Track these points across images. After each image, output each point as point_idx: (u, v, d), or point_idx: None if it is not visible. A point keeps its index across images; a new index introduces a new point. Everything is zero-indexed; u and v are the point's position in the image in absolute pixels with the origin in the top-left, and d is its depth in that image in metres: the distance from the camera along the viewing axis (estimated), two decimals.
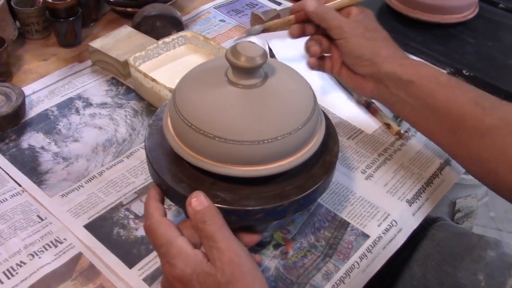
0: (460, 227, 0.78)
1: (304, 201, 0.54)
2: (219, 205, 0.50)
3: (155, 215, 0.50)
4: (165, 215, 0.51)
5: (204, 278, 0.45)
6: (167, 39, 0.85)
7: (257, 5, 1.07)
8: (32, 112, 0.78)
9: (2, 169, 0.69)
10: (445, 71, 0.91)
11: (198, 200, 0.48)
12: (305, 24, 0.69)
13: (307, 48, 0.69)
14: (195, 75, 0.56)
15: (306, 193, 0.53)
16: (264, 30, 0.72)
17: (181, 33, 0.86)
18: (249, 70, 0.52)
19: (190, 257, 0.46)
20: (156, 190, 0.53)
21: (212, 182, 0.52)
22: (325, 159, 0.57)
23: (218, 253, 0.45)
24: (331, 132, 0.59)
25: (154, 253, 0.60)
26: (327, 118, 0.59)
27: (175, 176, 0.53)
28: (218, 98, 0.51)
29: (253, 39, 0.96)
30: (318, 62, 0.70)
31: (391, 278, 0.75)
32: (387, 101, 0.65)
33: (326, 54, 0.70)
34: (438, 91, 0.59)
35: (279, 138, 0.50)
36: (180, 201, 0.51)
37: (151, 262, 0.59)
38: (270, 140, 0.49)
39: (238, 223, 0.52)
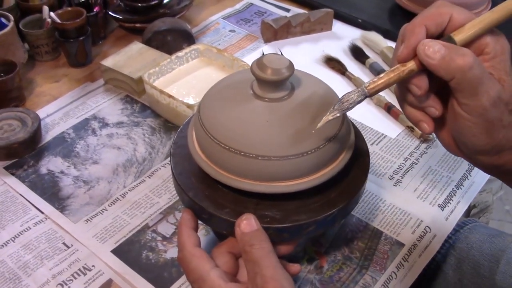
0: (492, 228, 0.76)
1: (350, 206, 0.53)
2: (270, 225, 0.48)
3: (187, 246, 0.48)
4: (199, 244, 0.49)
5: None
6: (180, 53, 0.83)
7: (265, 13, 1.06)
8: (48, 136, 0.77)
9: (23, 197, 0.68)
10: None
11: (248, 223, 0.46)
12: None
13: (423, 106, 0.45)
14: (220, 91, 0.54)
15: (352, 197, 0.52)
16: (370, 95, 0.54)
17: (193, 46, 0.85)
18: (276, 83, 0.50)
19: None
20: (188, 215, 0.51)
21: (255, 203, 0.51)
22: (358, 160, 0.55)
23: (262, 281, 0.43)
24: (357, 133, 0.58)
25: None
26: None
27: (216, 202, 0.51)
28: (247, 114, 0.50)
29: (264, 47, 0.94)
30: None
31: (425, 285, 0.73)
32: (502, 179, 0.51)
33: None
34: None
35: (321, 147, 0.49)
36: (225, 227, 0.50)
37: (183, 285, 0.57)
38: (312, 151, 0.48)
39: (290, 240, 0.51)
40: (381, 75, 0.44)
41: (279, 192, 0.49)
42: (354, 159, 0.55)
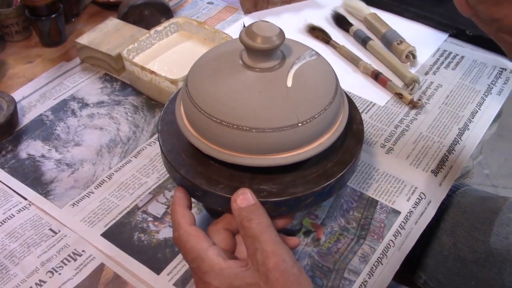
0: (484, 191, 0.76)
1: (347, 176, 0.51)
2: (267, 199, 0.47)
3: (183, 225, 0.46)
4: (194, 222, 0.47)
5: None
6: (159, 28, 0.80)
7: None
8: (25, 119, 0.74)
9: (4, 183, 0.65)
10: (447, 34, 0.88)
11: (245, 197, 0.45)
12: None
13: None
14: (207, 64, 0.52)
15: (348, 166, 0.50)
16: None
17: (172, 20, 0.82)
18: (267, 52, 0.48)
19: (224, 271, 0.43)
20: (181, 193, 0.49)
21: (250, 177, 0.49)
22: (352, 128, 0.54)
23: (262, 257, 0.42)
24: (349, 102, 0.57)
25: (181, 255, 0.56)
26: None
27: (209, 178, 0.49)
28: (238, 85, 0.48)
29: (244, 19, 0.92)
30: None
31: (420, 251, 0.73)
32: None
33: None
34: None
35: (316, 116, 0.47)
36: (220, 204, 0.48)
37: (179, 265, 0.56)
38: (307, 121, 0.46)
39: (288, 212, 0.49)
40: None
41: (276, 165, 0.47)
42: (348, 128, 0.54)
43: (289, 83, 0.48)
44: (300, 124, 0.46)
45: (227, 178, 0.49)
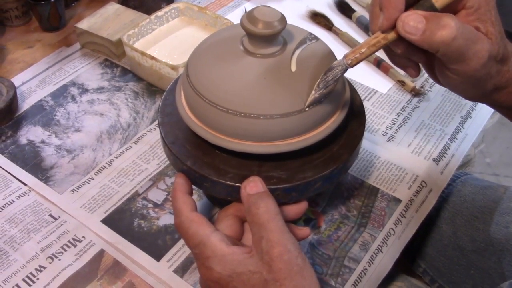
0: (484, 180, 0.76)
1: (352, 158, 0.51)
2: (277, 186, 0.47)
3: (184, 212, 0.46)
4: (196, 208, 0.47)
5: (248, 276, 0.41)
6: (159, 13, 0.79)
7: None
8: (25, 105, 0.73)
9: (4, 169, 0.65)
10: None
11: (255, 184, 0.44)
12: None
13: (402, 67, 0.47)
14: (208, 51, 0.51)
15: (355, 148, 0.51)
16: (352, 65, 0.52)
17: (173, 5, 0.81)
18: (269, 38, 0.47)
19: (227, 257, 0.42)
20: (182, 179, 0.49)
21: (258, 165, 0.48)
22: (353, 111, 0.54)
23: (267, 245, 0.41)
24: (350, 86, 0.56)
25: (182, 242, 0.56)
26: None
27: (217, 168, 0.48)
28: (242, 72, 0.47)
29: (246, 4, 0.91)
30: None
31: (419, 240, 0.72)
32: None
33: None
34: None
35: (322, 100, 0.47)
36: (230, 193, 0.47)
37: (179, 251, 0.56)
38: (314, 105, 0.46)
39: (298, 198, 0.49)
40: (362, 48, 0.42)
41: (285, 151, 0.47)
42: (349, 111, 0.53)
43: (293, 67, 0.47)
44: (307, 109, 0.46)
45: (235, 167, 0.48)
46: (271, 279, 0.41)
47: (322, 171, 0.48)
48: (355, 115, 0.54)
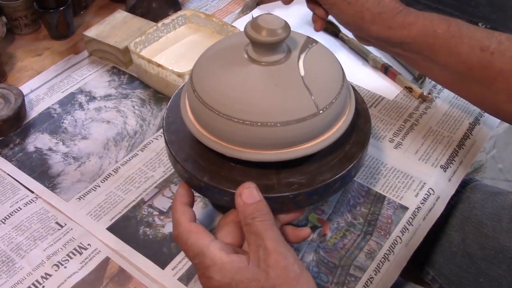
0: (493, 187, 0.75)
1: (363, 156, 0.52)
2: (300, 191, 0.47)
3: (182, 223, 0.46)
4: (194, 219, 0.47)
5: (246, 284, 0.42)
6: (166, 21, 0.80)
7: None
8: (33, 112, 0.74)
9: (11, 177, 0.65)
10: None
11: (250, 192, 0.44)
12: None
13: (312, 11, 0.65)
14: (213, 57, 0.51)
15: (365, 146, 0.51)
16: (259, 3, 0.66)
17: (180, 13, 0.81)
18: (273, 46, 0.47)
19: (226, 265, 0.42)
20: (183, 190, 0.49)
21: (276, 173, 0.48)
22: (357, 109, 0.54)
23: (264, 254, 0.42)
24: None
25: None
26: None
27: (237, 181, 0.47)
28: (254, 82, 0.47)
29: (253, 11, 0.91)
30: (326, 25, 0.67)
31: (428, 247, 0.72)
32: (388, 53, 0.63)
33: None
34: (437, 46, 0.55)
35: (333, 101, 0.47)
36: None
37: (184, 259, 0.56)
38: (326, 107, 0.47)
39: (319, 200, 0.50)
40: None
41: (302, 156, 0.47)
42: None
43: (302, 72, 0.47)
44: (321, 112, 0.46)
45: (254, 178, 0.48)
46: (269, 285, 0.41)
47: (339, 171, 0.49)
48: (360, 113, 0.54)
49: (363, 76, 0.78)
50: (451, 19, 0.56)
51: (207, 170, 0.49)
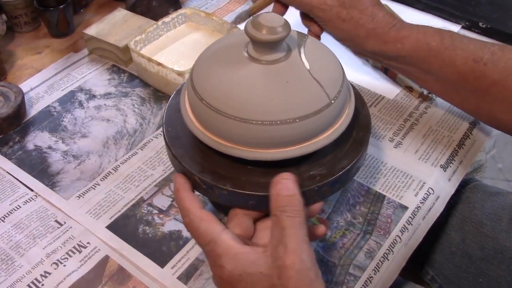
0: (493, 187, 0.75)
1: (369, 137, 0.52)
2: (324, 182, 0.47)
3: (193, 211, 0.45)
4: (203, 206, 0.46)
5: (258, 278, 0.41)
6: (166, 19, 0.79)
7: None
8: (33, 110, 0.74)
9: (11, 175, 0.65)
10: (459, 26, 0.87)
11: (286, 184, 0.43)
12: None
13: (307, 28, 0.64)
14: (213, 55, 0.51)
15: (369, 129, 0.52)
16: (251, 14, 0.66)
17: (180, 11, 0.81)
18: (273, 44, 0.47)
19: (239, 256, 0.42)
20: (182, 178, 0.48)
21: (296, 168, 0.48)
22: (357, 108, 0.54)
23: (283, 251, 0.40)
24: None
25: (186, 248, 0.56)
26: None
27: (260, 183, 0.47)
28: (259, 81, 0.46)
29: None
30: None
31: (427, 246, 0.72)
32: (385, 66, 0.65)
33: None
34: (431, 58, 0.56)
35: (341, 89, 0.48)
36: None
37: (183, 258, 0.56)
38: (336, 96, 0.47)
39: (340, 189, 0.52)
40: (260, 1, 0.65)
41: (322, 147, 0.47)
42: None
43: (307, 65, 0.47)
44: (333, 101, 0.47)
45: (265, 176, 0.47)
46: (280, 285, 0.40)
47: (355, 157, 0.49)
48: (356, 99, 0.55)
49: (363, 76, 0.78)
50: (444, 31, 0.57)
51: (226, 177, 0.48)
